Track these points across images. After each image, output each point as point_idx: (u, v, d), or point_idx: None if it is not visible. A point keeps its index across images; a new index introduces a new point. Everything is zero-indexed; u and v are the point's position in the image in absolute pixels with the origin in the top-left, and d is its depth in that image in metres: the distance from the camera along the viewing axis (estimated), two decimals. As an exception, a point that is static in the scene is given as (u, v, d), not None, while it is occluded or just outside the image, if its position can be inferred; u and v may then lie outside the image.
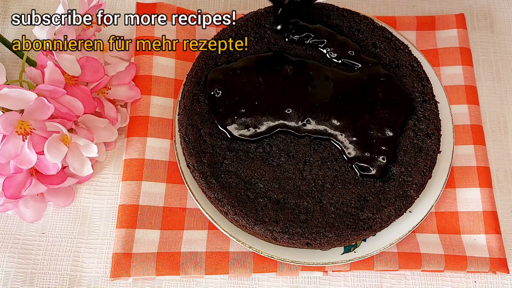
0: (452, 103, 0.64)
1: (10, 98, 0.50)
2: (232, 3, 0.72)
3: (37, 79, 0.56)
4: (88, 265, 0.57)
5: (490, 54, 0.70)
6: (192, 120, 0.55)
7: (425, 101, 0.57)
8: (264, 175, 0.53)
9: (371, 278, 0.57)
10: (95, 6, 0.58)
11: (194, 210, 0.59)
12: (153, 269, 0.55)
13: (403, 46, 0.60)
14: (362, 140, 0.54)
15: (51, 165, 0.54)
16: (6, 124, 0.50)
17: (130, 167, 0.59)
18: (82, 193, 0.60)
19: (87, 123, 0.58)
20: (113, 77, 0.61)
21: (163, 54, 0.64)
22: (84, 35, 0.60)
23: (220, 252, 0.56)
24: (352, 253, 0.55)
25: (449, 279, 0.57)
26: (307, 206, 0.52)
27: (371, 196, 0.52)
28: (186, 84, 0.58)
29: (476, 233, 0.58)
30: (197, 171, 0.53)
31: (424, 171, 0.54)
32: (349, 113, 0.55)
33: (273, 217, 0.51)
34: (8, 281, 0.56)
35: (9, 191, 0.53)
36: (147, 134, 0.60)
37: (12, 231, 0.58)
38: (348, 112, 0.55)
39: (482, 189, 0.60)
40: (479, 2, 0.73)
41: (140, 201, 0.57)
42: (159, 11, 0.66)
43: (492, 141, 0.65)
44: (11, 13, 0.69)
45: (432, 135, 0.55)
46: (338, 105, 0.55)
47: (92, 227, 0.59)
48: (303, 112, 0.55)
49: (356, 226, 0.51)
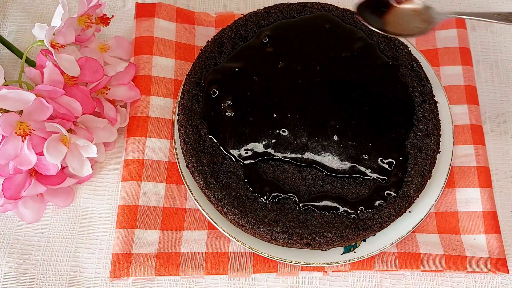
0: (452, 103, 0.64)
1: (9, 99, 0.50)
2: (232, 3, 0.72)
3: (36, 79, 0.56)
4: (87, 266, 0.57)
5: (490, 54, 0.70)
6: (192, 120, 0.55)
7: (424, 101, 0.57)
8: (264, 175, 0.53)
9: (371, 278, 0.57)
10: (95, 6, 0.58)
11: (194, 210, 0.59)
12: (152, 269, 0.55)
13: (403, 46, 0.60)
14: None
15: (51, 165, 0.54)
16: (5, 125, 0.50)
17: (129, 168, 0.59)
18: (82, 194, 0.60)
19: (86, 123, 0.57)
20: (113, 77, 0.61)
21: (162, 54, 0.64)
22: (84, 35, 0.60)
23: (220, 253, 0.56)
24: (352, 253, 0.55)
25: (449, 279, 0.57)
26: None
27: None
28: (185, 84, 0.58)
29: (476, 233, 0.58)
30: (197, 172, 0.53)
31: (424, 171, 0.54)
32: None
33: (272, 217, 0.51)
34: (8, 282, 0.55)
35: (9, 192, 0.53)
36: (147, 134, 0.60)
37: (12, 231, 0.58)
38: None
39: (482, 189, 0.60)
40: (479, 2, 0.73)
41: (140, 202, 0.57)
42: (158, 11, 0.66)
43: (492, 141, 0.65)
44: (11, 13, 0.69)
45: (431, 135, 0.55)
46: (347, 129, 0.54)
47: (91, 227, 0.59)
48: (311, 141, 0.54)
49: (356, 226, 0.51)
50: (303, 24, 0.60)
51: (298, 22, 0.60)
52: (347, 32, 0.59)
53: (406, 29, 0.54)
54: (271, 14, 0.61)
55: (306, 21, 0.60)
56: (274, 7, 0.61)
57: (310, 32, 0.59)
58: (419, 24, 0.54)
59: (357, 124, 0.55)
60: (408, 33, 0.54)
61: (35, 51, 0.66)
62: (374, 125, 0.55)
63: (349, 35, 0.59)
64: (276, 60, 0.58)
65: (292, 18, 0.61)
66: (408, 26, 0.54)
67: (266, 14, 0.61)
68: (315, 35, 0.59)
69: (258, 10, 0.62)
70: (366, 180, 0.53)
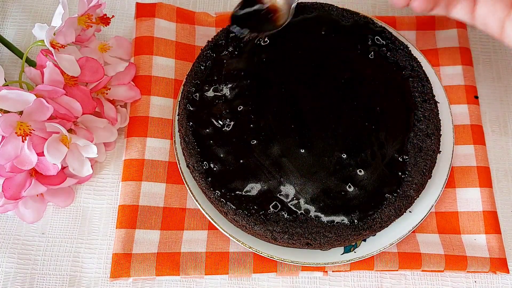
0: (452, 103, 0.64)
1: (9, 99, 0.50)
2: (232, 3, 0.72)
3: (36, 79, 0.56)
4: (88, 266, 0.57)
5: (490, 54, 0.70)
6: (192, 120, 0.55)
7: (425, 101, 0.57)
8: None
9: (371, 278, 0.57)
10: (95, 6, 0.58)
11: (194, 210, 0.59)
12: (153, 269, 0.55)
13: (403, 46, 0.60)
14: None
15: (51, 165, 0.54)
16: (5, 126, 0.50)
17: (130, 168, 0.59)
18: (82, 194, 0.60)
19: (86, 123, 0.57)
20: (113, 77, 0.61)
21: (162, 54, 0.64)
22: (84, 35, 0.60)
23: (220, 252, 0.56)
24: (352, 253, 0.55)
25: (449, 279, 0.57)
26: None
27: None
28: (186, 84, 0.58)
29: (476, 233, 0.58)
30: (197, 171, 0.53)
31: (424, 171, 0.54)
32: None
33: (273, 217, 0.51)
34: (8, 282, 0.55)
35: (9, 192, 0.53)
36: (147, 134, 0.60)
37: (12, 231, 0.58)
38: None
39: (482, 189, 0.60)
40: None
41: (140, 202, 0.57)
42: (158, 11, 0.66)
43: (492, 141, 0.65)
44: (11, 13, 0.69)
45: (432, 135, 0.55)
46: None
47: (92, 227, 0.59)
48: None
49: (356, 226, 0.51)
50: (303, 24, 0.60)
51: (298, 22, 0.60)
52: (347, 33, 0.59)
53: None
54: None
55: (306, 21, 0.60)
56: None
57: (310, 33, 0.59)
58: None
59: (357, 124, 0.54)
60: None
61: (35, 51, 0.66)
62: (374, 125, 0.55)
63: (349, 36, 0.59)
64: (276, 61, 0.58)
65: (292, 18, 0.60)
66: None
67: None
68: (315, 36, 0.59)
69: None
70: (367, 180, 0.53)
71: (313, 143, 0.53)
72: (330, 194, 0.52)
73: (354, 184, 0.52)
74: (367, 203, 0.52)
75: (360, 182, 0.52)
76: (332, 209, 0.51)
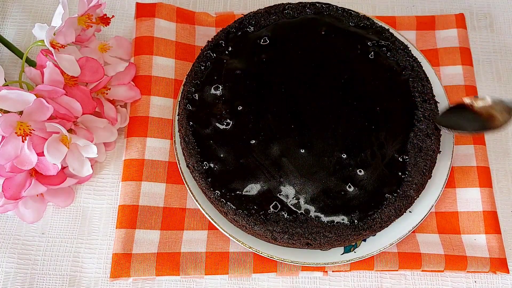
0: (452, 103, 0.63)
1: (9, 99, 0.50)
2: (232, 3, 0.72)
3: (36, 79, 0.56)
4: (88, 266, 0.57)
5: (490, 54, 0.70)
6: (192, 120, 0.55)
7: (425, 101, 0.57)
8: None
9: (371, 278, 0.57)
10: (95, 6, 0.58)
11: (194, 210, 0.59)
12: (153, 269, 0.55)
13: (403, 46, 0.60)
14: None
15: (51, 165, 0.54)
16: (5, 126, 0.50)
17: (129, 168, 0.59)
18: (82, 194, 0.60)
19: (86, 123, 0.57)
20: (113, 77, 0.61)
21: (162, 54, 0.64)
22: (84, 35, 0.60)
23: (220, 252, 0.56)
24: (352, 253, 0.55)
25: (449, 279, 0.57)
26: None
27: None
28: (185, 84, 0.58)
29: (476, 233, 0.58)
30: (197, 171, 0.53)
31: (424, 171, 0.54)
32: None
33: (273, 217, 0.51)
34: (8, 282, 0.55)
35: (9, 192, 0.53)
36: (147, 134, 0.60)
37: (12, 231, 0.58)
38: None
39: (482, 189, 0.60)
40: (479, 2, 0.73)
41: (140, 202, 0.57)
42: (158, 11, 0.66)
43: (492, 141, 0.65)
44: (11, 13, 0.69)
45: (432, 135, 0.55)
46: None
47: (92, 227, 0.59)
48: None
49: (356, 226, 0.51)
50: (303, 24, 0.60)
51: (299, 22, 0.60)
52: (347, 34, 0.59)
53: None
54: (271, 14, 0.61)
55: (306, 21, 0.60)
56: (274, 7, 0.61)
57: (310, 33, 0.59)
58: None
59: (357, 124, 0.54)
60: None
61: (35, 51, 0.66)
62: (374, 125, 0.55)
63: (349, 36, 0.59)
64: (276, 61, 0.58)
65: (292, 18, 0.61)
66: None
67: (266, 14, 0.61)
68: (315, 36, 0.59)
69: (258, 10, 0.62)
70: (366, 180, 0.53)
71: (313, 143, 0.53)
72: (330, 194, 0.52)
73: (354, 184, 0.52)
74: (367, 203, 0.52)
75: (360, 182, 0.52)
76: (332, 209, 0.51)
